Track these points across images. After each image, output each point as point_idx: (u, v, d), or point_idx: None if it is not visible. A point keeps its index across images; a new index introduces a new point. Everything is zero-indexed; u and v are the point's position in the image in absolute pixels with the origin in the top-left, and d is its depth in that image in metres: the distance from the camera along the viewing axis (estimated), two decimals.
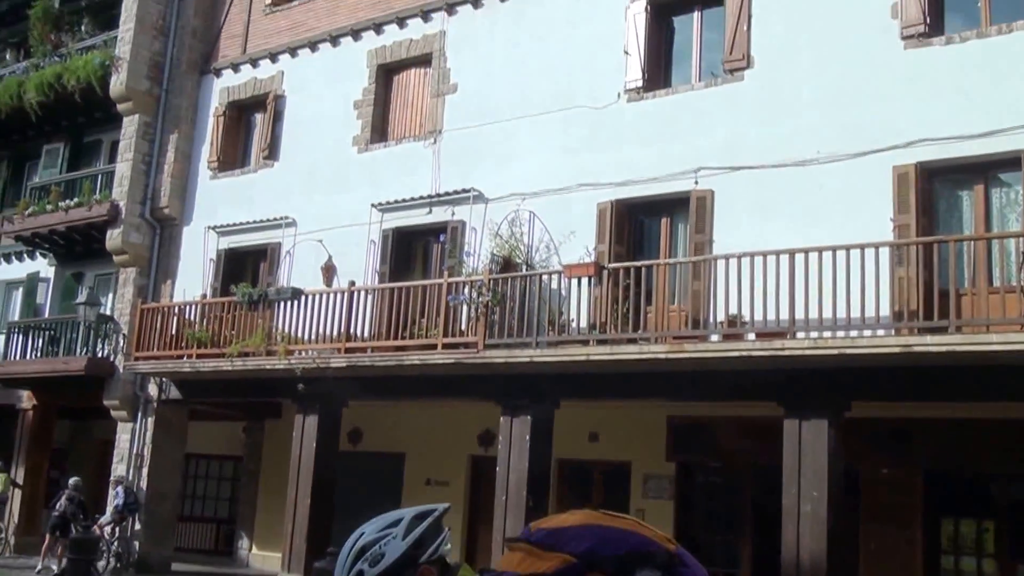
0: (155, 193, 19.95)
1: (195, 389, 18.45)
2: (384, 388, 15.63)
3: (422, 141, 16.87)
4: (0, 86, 22.98)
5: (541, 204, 15.23)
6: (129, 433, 19.48)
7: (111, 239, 19.88)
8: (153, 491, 18.91)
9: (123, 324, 19.72)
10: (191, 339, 17.49)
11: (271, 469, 20.05)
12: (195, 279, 19.24)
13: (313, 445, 16.17)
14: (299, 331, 16.23)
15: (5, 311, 23.80)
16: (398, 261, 16.75)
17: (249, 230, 18.74)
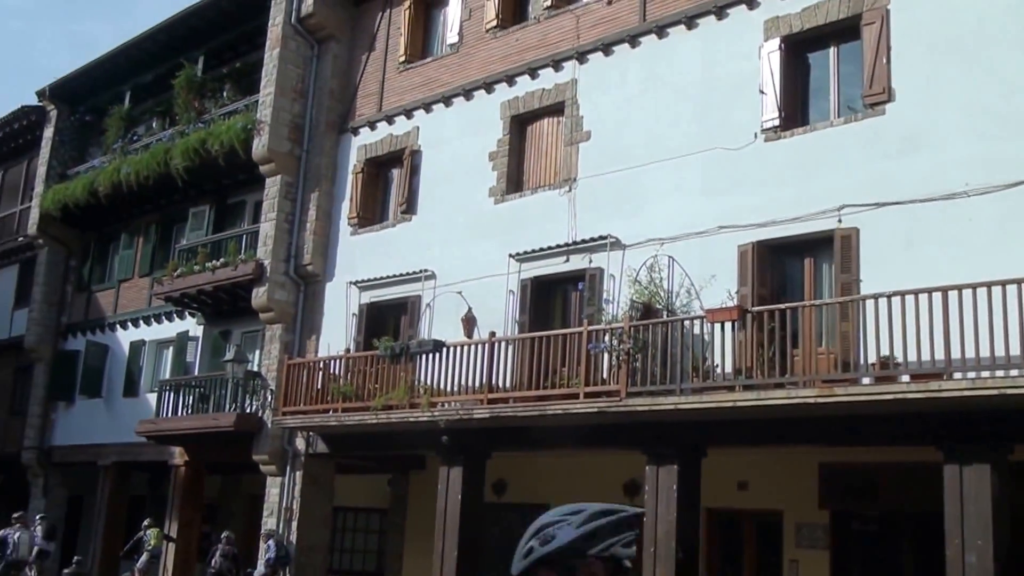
0: (298, 251, 20.50)
1: (341, 443, 18.73)
2: (527, 438, 15.55)
3: (557, 189, 16.89)
4: (148, 154, 24.07)
5: (680, 248, 15.02)
6: (278, 487, 19.88)
7: (257, 297, 20.48)
8: (303, 544, 19.20)
9: (270, 380, 20.23)
10: (336, 393, 17.79)
11: (416, 521, 20.14)
12: (338, 334, 19.62)
13: (458, 497, 16.18)
14: (441, 383, 16.34)
15: (157, 370, 24.71)
16: (537, 310, 16.73)
17: (389, 284, 19.04)
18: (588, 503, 2.28)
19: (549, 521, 2.27)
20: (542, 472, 18.04)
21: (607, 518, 2.25)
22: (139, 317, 25.45)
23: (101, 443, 25.14)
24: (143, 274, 25.67)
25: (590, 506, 2.28)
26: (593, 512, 2.25)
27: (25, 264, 29.94)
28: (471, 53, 18.92)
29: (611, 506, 2.29)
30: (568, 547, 2.22)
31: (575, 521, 2.25)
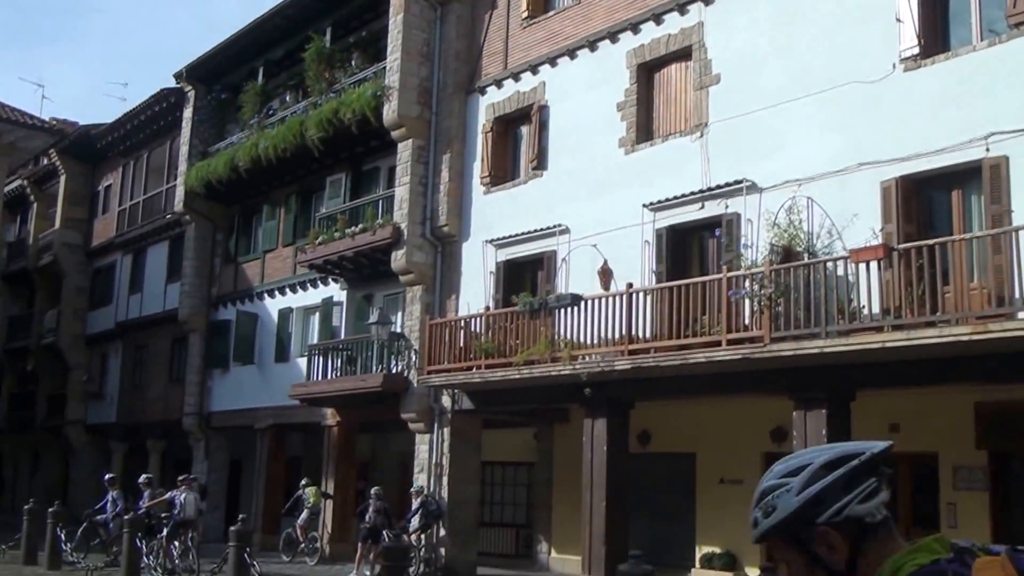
0: (433, 213, 20.84)
1: (485, 398, 19.09)
2: (670, 388, 15.55)
3: (688, 136, 16.67)
4: (283, 127, 24.76)
5: (819, 188, 14.67)
6: (427, 444, 20.42)
7: (396, 260, 20.94)
8: (454, 498, 19.71)
9: (413, 340, 20.72)
10: (478, 351, 18.11)
11: (563, 473, 20.43)
12: (477, 292, 19.93)
13: (603, 448, 16.32)
14: (581, 336, 16.44)
15: (305, 335, 25.57)
16: (674, 259, 16.62)
17: (524, 240, 19.20)
18: (816, 450, 1.95)
19: (769, 487, 1.97)
20: (687, 421, 18.04)
21: (835, 473, 1.88)
22: (285, 285, 26.33)
23: (256, 407, 26.26)
24: (286, 243, 26.51)
25: (815, 458, 1.93)
26: (816, 469, 1.90)
27: (175, 240, 31.29)
28: (594, 3, 18.75)
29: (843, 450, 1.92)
30: (791, 519, 1.91)
31: (796, 485, 1.92)
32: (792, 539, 1.95)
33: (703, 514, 18.04)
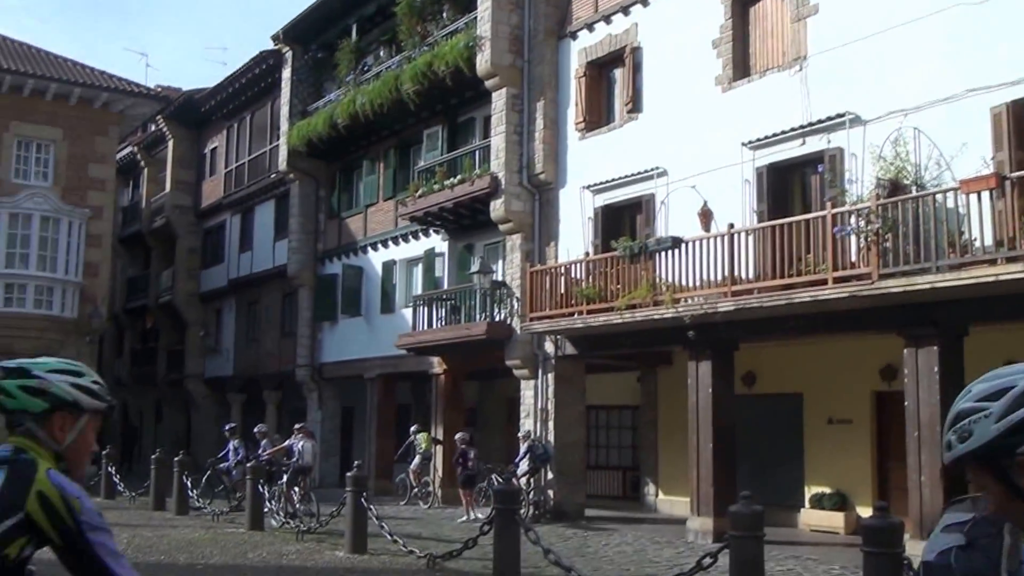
0: (530, 161, 20.86)
1: (588, 343, 19.18)
2: (775, 328, 15.38)
3: (787, 70, 16.29)
4: (379, 82, 25.01)
5: (925, 118, 14.20)
6: (532, 389, 20.65)
7: (495, 209, 21.06)
8: (560, 442, 19.94)
9: (515, 288, 20.89)
10: (580, 296, 18.18)
11: (668, 416, 20.47)
12: (576, 238, 19.94)
13: (708, 390, 16.30)
14: (682, 279, 16.36)
15: (409, 286, 25.99)
16: (775, 198, 16.35)
17: (622, 185, 19.09)
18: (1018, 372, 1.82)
19: (965, 409, 1.87)
20: (793, 361, 17.85)
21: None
22: (387, 238, 26.75)
23: (365, 358, 26.87)
24: (387, 197, 26.89)
25: (1017, 382, 1.81)
26: (1018, 396, 1.79)
27: (280, 198, 32.02)
28: None
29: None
30: (988, 446, 1.81)
31: (995, 411, 1.82)
32: (989, 467, 1.87)
33: (812, 454, 17.90)
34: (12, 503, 2.39)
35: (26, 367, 2.63)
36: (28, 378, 2.59)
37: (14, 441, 2.56)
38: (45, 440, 2.57)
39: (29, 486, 2.43)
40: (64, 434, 2.59)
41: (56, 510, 2.41)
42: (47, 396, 2.58)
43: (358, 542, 13.98)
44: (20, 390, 2.58)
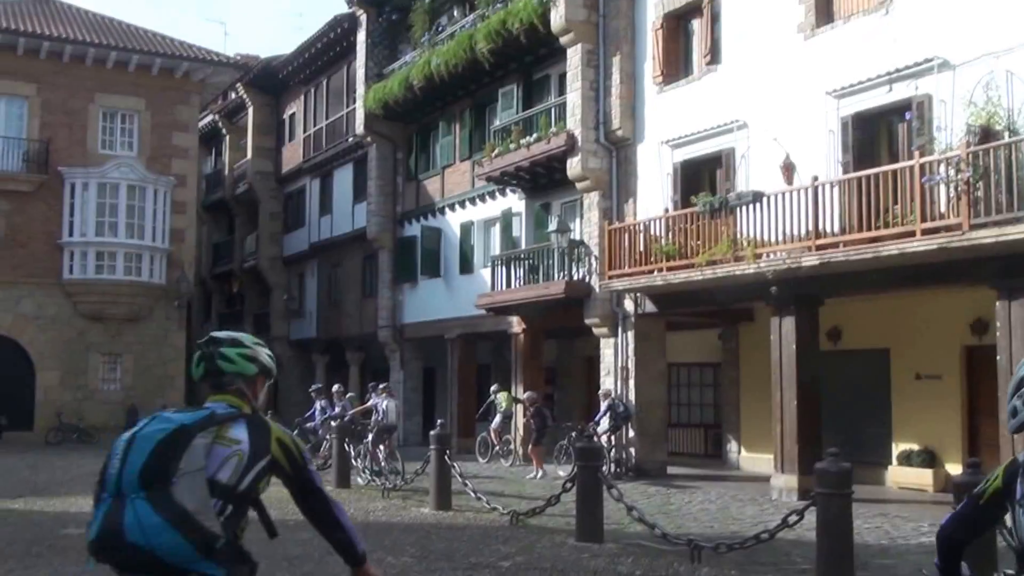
0: (606, 117, 20.63)
1: (668, 301, 19.01)
2: (860, 282, 15.03)
3: (873, 14, 15.78)
4: (453, 42, 24.94)
5: (1018, 60, 13.64)
6: (612, 348, 20.58)
7: (571, 167, 20.92)
8: (641, 400, 19.86)
9: (593, 246, 20.78)
10: (659, 253, 18.01)
11: (750, 373, 20.23)
12: (655, 194, 19.71)
13: (792, 347, 16.04)
14: (764, 233, 16.08)
15: (487, 247, 26.04)
16: (861, 148, 15.91)
17: (701, 139, 18.78)
18: None
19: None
20: (879, 315, 17.46)
21: None
22: (465, 199, 26.80)
23: (445, 318, 27.07)
24: (463, 158, 26.91)
25: None
26: None
27: (358, 162, 32.26)
28: None
29: None
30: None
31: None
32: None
33: (899, 411, 17.54)
34: (261, 449, 3.06)
35: (238, 338, 3.30)
36: (243, 347, 3.26)
37: (226, 399, 3.18)
38: (250, 398, 3.24)
39: (269, 435, 3.12)
40: (258, 393, 3.31)
41: (290, 451, 3.16)
42: (256, 363, 3.27)
43: (442, 499, 14.14)
44: (239, 356, 3.24)
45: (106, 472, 2.96)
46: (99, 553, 2.90)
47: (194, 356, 3.29)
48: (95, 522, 2.91)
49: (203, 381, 3.29)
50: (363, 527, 11.81)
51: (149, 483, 2.86)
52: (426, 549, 10.54)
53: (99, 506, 2.93)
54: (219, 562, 2.86)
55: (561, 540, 11.18)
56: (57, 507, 14.09)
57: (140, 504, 2.84)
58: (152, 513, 2.82)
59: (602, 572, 9.19)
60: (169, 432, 2.94)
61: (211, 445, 2.96)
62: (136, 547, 2.81)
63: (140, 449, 2.93)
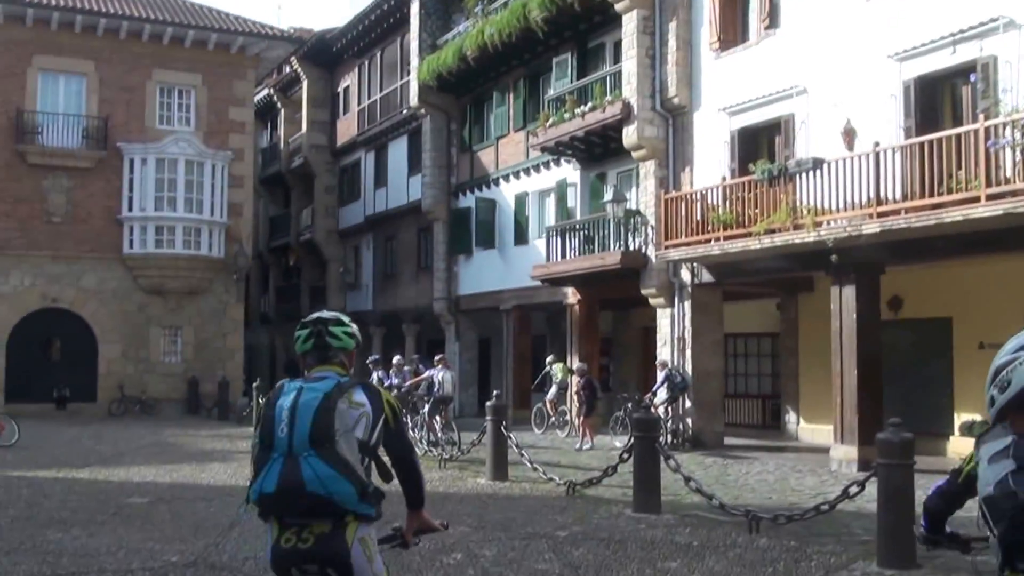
0: (662, 84, 20.38)
1: (725, 270, 18.80)
2: (923, 250, 14.72)
3: None
4: (507, 11, 24.75)
5: None
6: (668, 318, 20.44)
7: (627, 136, 20.72)
8: (698, 370, 19.72)
9: (649, 215, 20.60)
10: (716, 222, 17.80)
11: (809, 343, 19.98)
12: (712, 163, 19.46)
13: (853, 316, 15.80)
14: (824, 201, 15.82)
15: (541, 218, 25.95)
16: (923, 112, 15.54)
17: (759, 105, 18.48)
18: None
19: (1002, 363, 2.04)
20: (941, 284, 17.11)
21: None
22: (519, 170, 26.71)
23: (500, 289, 27.09)
24: (517, 128, 26.78)
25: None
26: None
27: (412, 134, 32.29)
28: None
29: None
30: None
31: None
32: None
33: (961, 380, 17.19)
34: (378, 409, 3.63)
35: (341, 318, 3.89)
36: (346, 326, 3.85)
37: (333, 369, 3.76)
38: (348, 367, 3.82)
39: (381, 397, 3.70)
40: (353, 363, 3.88)
41: (396, 410, 3.73)
42: (354, 339, 3.87)
43: (499, 470, 14.19)
44: (343, 334, 3.82)
45: (273, 436, 3.52)
46: (276, 503, 3.50)
47: (300, 331, 3.82)
48: (269, 477, 3.48)
49: (307, 354, 3.82)
50: None
51: (319, 443, 3.47)
52: (483, 519, 10.58)
53: (269, 465, 3.50)
54: (370, 504, 3.52)
55: (618, 511, 11.16)
56: (121, 476, 14.37)
57: (314, 460, 3.44)
58: (326, 467, 3.44)
59: (660, 542, 9.15)
60: (321, 400, 3.53)
61: (348, 409, 3.55)
62: (315, 495, 3.43)
63: (303, 416, 3.50)
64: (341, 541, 3.52)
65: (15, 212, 29.67)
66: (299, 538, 3.52)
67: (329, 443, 3.48)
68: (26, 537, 9.28)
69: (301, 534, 3.52)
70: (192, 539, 9.19)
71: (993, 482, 2.42)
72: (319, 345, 3.80)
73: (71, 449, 18.64)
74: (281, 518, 3.55)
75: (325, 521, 3.50)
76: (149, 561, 8.14)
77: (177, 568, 7.86)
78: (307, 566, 3.53)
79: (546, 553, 8.59)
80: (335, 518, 3.50)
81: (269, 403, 3.64)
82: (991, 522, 2.52)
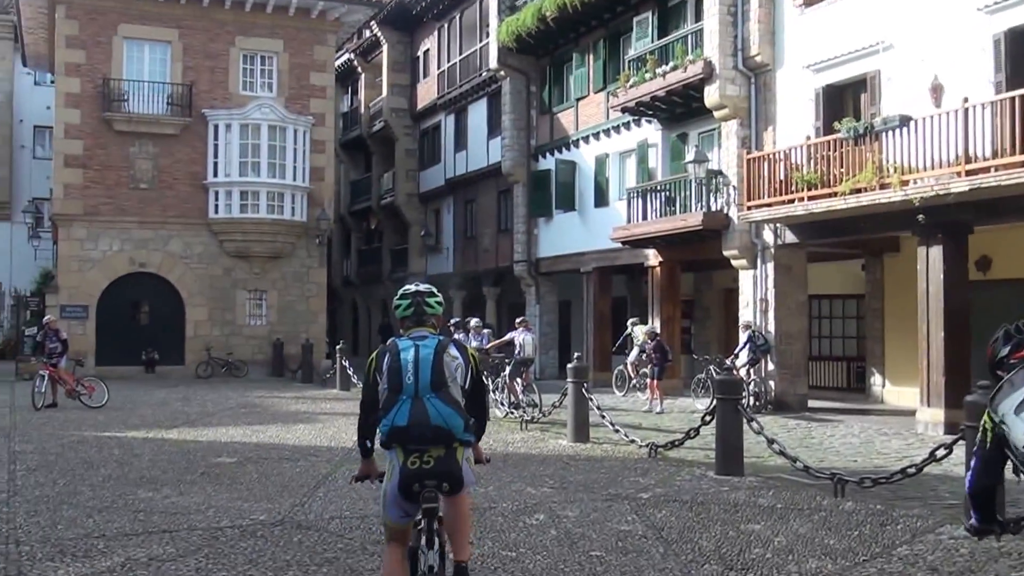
0: (744, 42, 20.04)
1: (809, 231, 18.54)
2: (1013, 209, 14.32)
3: None
4: None
5: None
6: (751, 279, 20.25)
7: (709, 96, 20.47)
8: (781, 332, 19.53)
9: (731, 176, 20.37)
10: (800, 182, 17.54)
11: (895, 304, 19.65)
12: (796, 121, 19.14)
13: (940, 277, 15.50)
14: (911, 160, 15.47)
15: (622, 179, 25.81)
16: (1015, 66, 15.04)
17: (844, 62, 18.09)
18: None
19: None
20: None
21: None
22: (599, 131, 26.56)
23: (581, 251, 27.07)
24: (597, 89, 26.60)
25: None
26: None
27: (492, 96, 32.28)
28: None
29: None
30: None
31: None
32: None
33: None
34: (466, 360, 4.79)
35: (432, 290, 5.00)
36: (437, 296, 4.99)
37: (426, 329, 4.86)
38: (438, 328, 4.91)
39: (467, 351, 4.86)
40: (440, 326, 4.96)
41: (476, 360, 4.90)
42: (442, 306, 5.01)
43: (580, 431, 14.28)
44: (436, 303, 4.95)
45: (401, 383, 4.57)
46: (407, 433, 4.55)
47: (402, 301, 4.91)
48: (400, 414, 4.55)
49: (407, 319, 4.88)
50: (502, 458, 12.06)
51: (437, 387, 4.58)
52: (565, 480, 10.69)
53: (399, 406, 4.56)
54: (470, 433, 4.75)
55: (700, 473, 11.17)
56: (208, 437, 14.77)
57: (436, 401, 4.55)
58: (445, 406, 4.56)
59: (743, 505, 9.16)
60: (433, 354, 4.62)
61: (450, 361, 4.66)
62: (438, 427, 4.54)
63: (424, 367, 4.59)
64: (454, 461, 4.62)
65: (103, 179, 30.47)
66: (422, 461, 4.57)
67: (444, 387, 4.59)
68: (118, 495, 9.61)
69: (423, 457, 4.58)
70: (279, 498, 9.43)
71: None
72: (417, 312, 4.87)
73: (160, 410, 19.21)
74: (405, 446, 4.57)
75: (441, 447, 4.58)
76: (238, 519, 8.39)
77: (265, 526, 8.10)
78: (428, 481, 4.57)
79: (629, 515, 8.67)
80: (447, 444, 4.58)
81: (392, 357, 4.65)
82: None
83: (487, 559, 7.02)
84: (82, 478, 10.72)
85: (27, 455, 12.60)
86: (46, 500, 9.32)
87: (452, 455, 4.61)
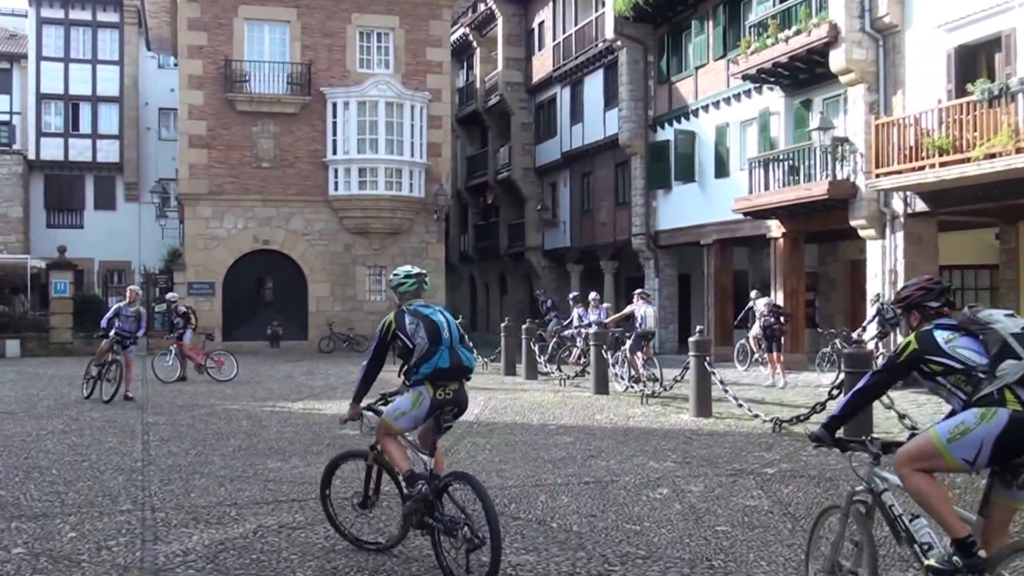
0: (872, 3, 19.29)
1: (941, 199, 17.82)
2: None
3: None
4: None
5: None
6: (879, 250, 19.59)
7: (834, 60, 19.80)
8: None
9: (858, 143, 19.70)
10: (931, 148, 16.85)
11: None
12: (926, 84, 18.37)
13: None
14: None
15: (743, 149, 25.23)
16: None
17: (978, 20, 17.26)
18: None
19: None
20: None
21: None
22: (719, 100, 26.01)
23: (700, 224, 26.62)
24: (717, 57, 26.02)
25: None
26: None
27: (608, 67, 31.94)
28: None
29: None
30: None
31: None
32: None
33: None
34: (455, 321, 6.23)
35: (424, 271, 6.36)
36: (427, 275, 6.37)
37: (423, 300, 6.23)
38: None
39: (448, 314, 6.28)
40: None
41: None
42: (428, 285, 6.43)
43: (703, 406, 14.04)
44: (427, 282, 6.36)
45: (440, 336, 5.92)
46: (448, 373, 5.91)
47: (407, 279, 6.24)
48: (442, 359, 5.88)
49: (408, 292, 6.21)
50: (623, 432, 11.95)
51: (460, 339, 6.07)
52: (687, 455, 10.52)
53: (440, 353, 5.89)
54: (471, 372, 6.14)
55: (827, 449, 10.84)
56: (333, 410, 15.02)
57: (463, 350, 6.01)
58: (468, 353, 6.07)
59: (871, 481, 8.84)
60: (451, 316, 6.16)
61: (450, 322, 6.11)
62: (467, 368, 6.02)
63: (452, 325, 6.06)
64: (464, 392, 6.08)
65: (227, 159, 31.31)
66: (446, 392, 5.94)
67: (462, 340, 6.13)
68: (248, 465, 9.87)
69: (446, 390, 5.94)
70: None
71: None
72: (418, 288, 6.25)
73: (285, 383, 19.68)
74: (435, 382, 5.89)
75: (457, 383, 5.99)
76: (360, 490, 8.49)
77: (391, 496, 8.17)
78: (448, 407, 5.99)
79: (754, 490, 8.47)
80: (460, 381, 6.01)
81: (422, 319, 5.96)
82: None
83: (611, 531, 6.94)
84: (213, 448, 11.04)
85: (159, 426, 13.04)
86: (178, 469, 9.62)
87: (462, 388, 6.06)
